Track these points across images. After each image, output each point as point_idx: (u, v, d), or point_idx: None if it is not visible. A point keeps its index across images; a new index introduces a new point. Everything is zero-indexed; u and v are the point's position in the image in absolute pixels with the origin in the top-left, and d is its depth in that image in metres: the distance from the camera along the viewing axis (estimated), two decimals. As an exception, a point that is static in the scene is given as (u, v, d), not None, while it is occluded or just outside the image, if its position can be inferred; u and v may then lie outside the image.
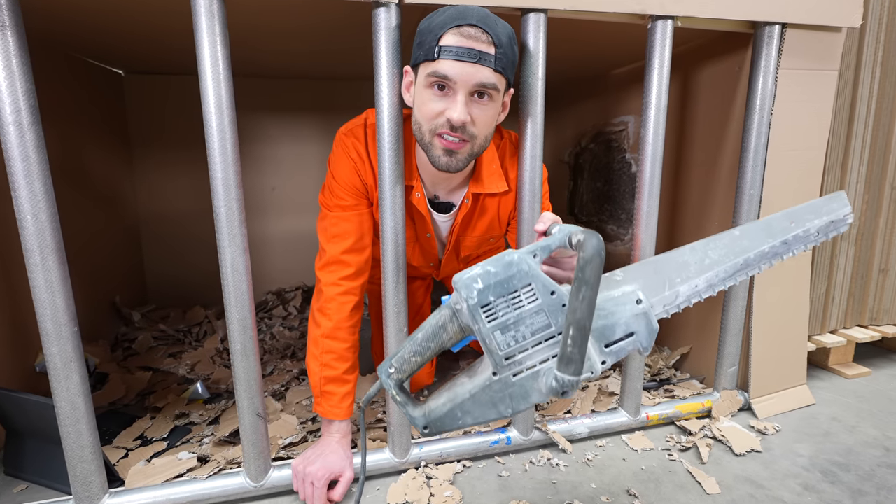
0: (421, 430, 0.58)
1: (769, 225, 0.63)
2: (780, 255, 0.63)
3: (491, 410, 0.56)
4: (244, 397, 0.87)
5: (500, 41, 0.74)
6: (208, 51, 0.74)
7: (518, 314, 0.53)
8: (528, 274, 0.53)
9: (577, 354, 0.48)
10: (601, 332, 0.55)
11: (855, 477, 0.97)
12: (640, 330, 0.56)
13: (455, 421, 0.57)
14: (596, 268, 0.47)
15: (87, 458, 0.81)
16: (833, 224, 0.64)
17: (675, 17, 0.94)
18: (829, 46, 1.08)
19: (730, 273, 0.61)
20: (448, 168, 0.82)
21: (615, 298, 0.57)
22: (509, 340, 0.53)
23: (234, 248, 0.81)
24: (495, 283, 0.52)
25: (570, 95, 2.00)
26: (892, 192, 1.37)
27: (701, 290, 0.61)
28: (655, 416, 1.14)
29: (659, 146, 1.00)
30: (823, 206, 0.64)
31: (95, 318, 1.50)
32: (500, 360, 0.54)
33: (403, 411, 0.59)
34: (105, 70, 1.66)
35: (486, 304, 0.52)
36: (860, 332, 1.42)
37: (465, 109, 0.75)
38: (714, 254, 0.61)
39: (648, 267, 0.61)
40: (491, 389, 0.55)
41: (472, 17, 0.73)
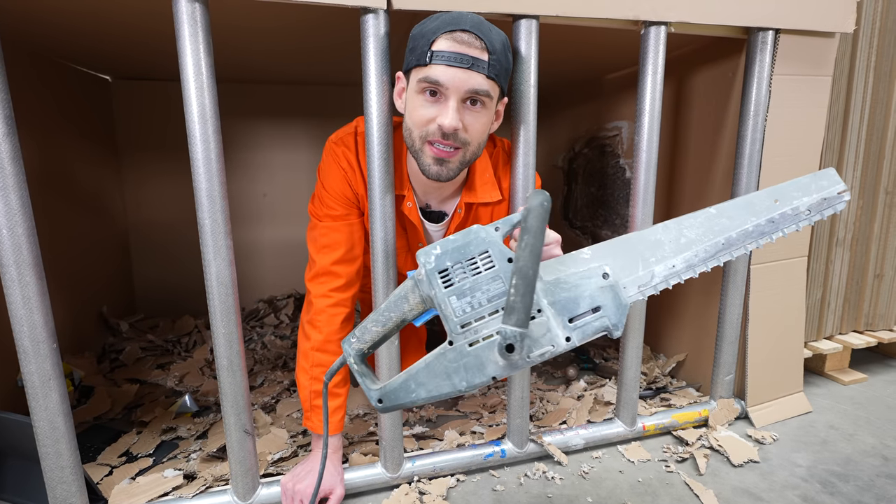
0: (375, 403, 0.57)
1: (751, 203, 0.60)
2: (769, 234, 0.59)
3: (445, 382, 0.54)
4: (231, 413, 0.84)
5: (494, 47, 0.73)
6: (191, 58, 0.72)
7: (474, 280, 0.53)
8: (486, 241, 0.53)
9: (520, 303, 0.47)
10: (564, 304, 0.54)
11: (854, 487, 0.96)
12: (607, 304, 0.54)
13: (409, 393, 0.55)
14: (537, 216, 0.47)
15: (67, 478, 0.79)
16: (827, 202, 0.60)
17: (668, 22, 0.93)
18: (822, 52, 1.08)
19: (711, 253, 0.59)
20: (438, 177, 0.80)
21: (580, 273, 0.55)
22: (465, 306, 0.53)
23: (220, 260, 0.79)
24: (453, 248, 0.53)
25: (564, 100, 1.99)
26: (887, 196, 1.37)
27: (679, 270, 0.58)
28: (652, 426, 1.13)
29: (653, 153, 0.99)
30: (811, 183, 0.60)
31: (81, 329, 1.47)
32: (456, 327, 0.53)
33: (360, 381, 0.58)
34: (92, 76, 1.64)
35: (444, 270, 0.53)
36: (856, 338, 1.41)
37: (457, 116, 0.74)
38: (690, 232, 0.59)
39: (619, 245, 0.58)
40: (445, 359, 0.54)
41: (465, 22, 0.72)
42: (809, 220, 0.60)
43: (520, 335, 0.48)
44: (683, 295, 1.36)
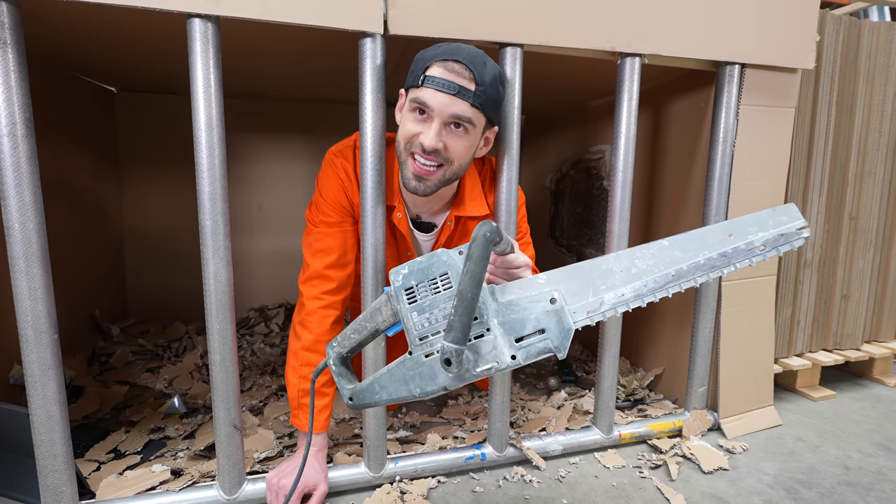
0: (346, 401, 0.64)
1: (703, 236, 0.61)
2: (720, 268, 0.60)
3: (403, 388, 0.61)
4: (221, 408, 0.88)
5: (483, 80, 0.80)
6: (201, 72, 0.78)
7: (434, 298, 0.59)
8: (447, 264, 0.59)
9: (458, 322, 0.53)
10: (511, 325, 0.59)
11: (816, 494, 1.00)
12: (552, 327, 0.58)
13: (373, 394, 0.63)
14: (479, 245, 0.54)
15: (59, 467, 0.81)
16: (783, 237, 0.60)
17: (641, 54, 1.01)
18: (785, 85, 1.17)
19: (660, 284, 0.60)
20: (416, 191, 0.86)
21: (531, 297, 0.60)
22: (423, 321, 0.60)
23: (218, 259, 0.83)
24: (418, 269, 0.60)
25: (552, 124, 2.08)
26: (851, 222, 1.45)
27: (628, 299, 0.60)
28: (628, 434, 1.17)
29: (629, 173, 1.06)
30: (769, 218, 0.60)
31: (73, 331, 1.49)
32: (415, 339, 0.60)
33: (337, 381, 0.66)
34: (98, 87, 1.70)
35: (409, 288, 0.60)
36: (825, 356, 1.47)
37: (437, 137, 0.81)
38: (641, 263, 0.61)
39: (572, 272, 0.62)
40: (404, 366, 0.61)
41: (461, 54, 0.79)
42: (764, 255, 0.60)
43: (455, 351, 0.54)
44: (661, 311, 1.42)
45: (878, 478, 1.06)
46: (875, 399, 1.45)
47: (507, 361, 0.58)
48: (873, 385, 1.56)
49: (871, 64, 1.38)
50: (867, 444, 1.20)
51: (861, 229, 1.47)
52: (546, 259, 2.09)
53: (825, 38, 1.29)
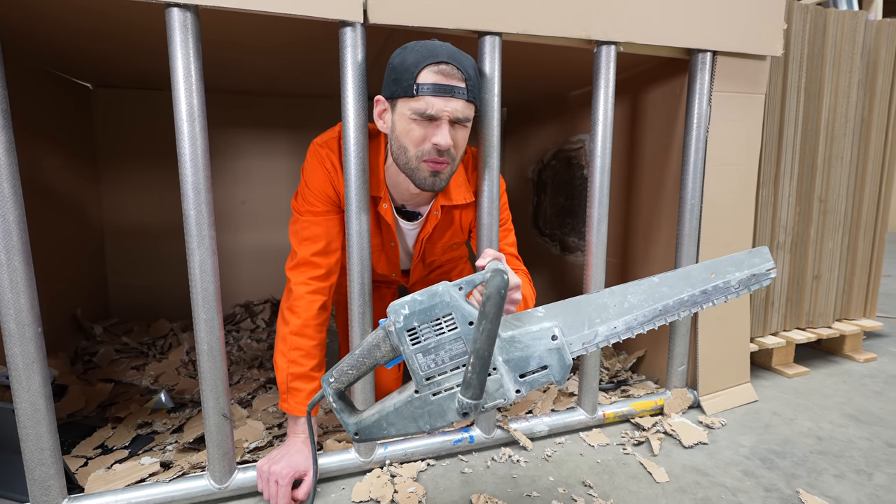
0: (352, 435, 0.64)
1: (689, 274, 0.66)
2: (700, 304, 0.65)
3: (411, 424, 0.62)
4: (210, 397, 0.88)
5: (469, 74, 0.83)
6: (181, 62, 0.78)
7: (438, 340, 0.59)
8: (450, 304, 0.58)
9: (476, 380, 0.55)
10: (517, 362, 0.61)
11: (790, 463, 1.05)
12: (553, 364, 0.61)
13: (381, 430, 0.63)
14: (495, 304, 0.53)
15: (46, 460, 0.81)
16: (755, 277, 0.66)
17: (617, 42, 1.04)
18: (755, 72, 1.21)
19: (648, 318, 0.65)
20: (433, 188, 0.89)
21: (533, 333, 0.62)
22: (429, 363, 0.59)
23: (203, 249, 0.84)
24: (420, 310, 0.58)
25: (533, 116, 2.11)
26: (820, 204, 1.51)
27: (620, 331, 0.65)
28: (612, 413, 1.20)
29: (607, 159, 1.09)
30: (745, 259, 0.66)
31: (55, 330, 1.47)
32: (421, 379, 0.60)
33: (339, 417, 0.64)
34: (73, 83, 1.67)
35: (411, 329, 0.58)
36: (798, 334, 1.53)
37: (449, 136, 0.84)
38: (633, 298, 0.65)
39: (569, 306, 0.65)
40: (412, 405, 0.61)
41: (442, 54, 0.81)
42: (737, 293, 0.66)
43: (474, 406, 0.56)
44: (641, 294, 1.45)
45: (847, 446, 1.11)
46: (846, 374, 1.52)
47: (512, 397, 0.60)
48: (844, 361, 1.62)
49: (837, 51, 1.43)
50: (838, 416, 1.25)
51: (830, 212, 1.53)
52: (530, 248, 2.12)
53: (793, 27, 1.33)
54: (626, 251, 1.52)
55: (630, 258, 1.50)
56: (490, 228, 1.01)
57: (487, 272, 0.59)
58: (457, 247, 1.18)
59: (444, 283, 0.60)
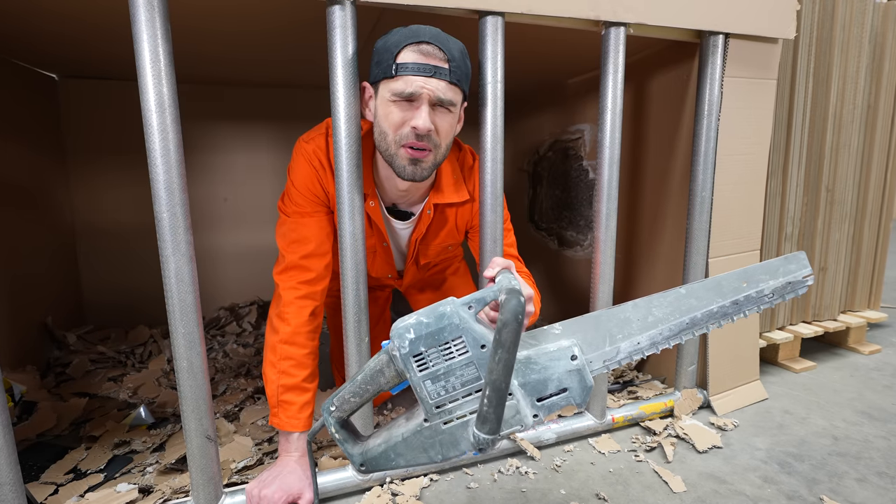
0: (357, 467, 0.58)
1: (719, 284, 0.61)
2: (731, 315, 0.61)
3: (422, 455, 0.56)
4: (191, 418, 0.80)
5: (453, 55, 0.77)
6: (147, 44, 0.69)
7: (448, 365, 0.54)
8: (460, 327, 0.53)
9: (493, 415, 0.50)
10: (534, 386, 0.56)
11: (809, 466, 1.00)
12: (574, 386, 0.56)
13: (389, 462, 0.58)
14: (512, 331, 0.48)
15: (6, 497, 0.72)
16: (791, 286, 0.61)
17: (627, 24, 0.97)
18: (767, 56, 1.15)
19: (674, 332, 0.60)
20: (413, 177, 0.82)
21: (549, 353, 0.56)
22: (439, 390, 0.54)
23: (179, 256, 0.75)
24: (427, 333, 0.53)
25: (529, 105, 2.03)
26: (828, 194, 1.46)
27: (644, 347, 0.60)
28: (621, 417, 1.15)
29: (616, 149, 1.02)
30: (780, 266, 0.62)
31: (23, 341, 1.37)
32: (431, 408, 0.55)
33: (342, 448, 0.59)
34: (37, 73, 1.54)
35: (418, 354, 0.53)
36: (805, 328, 1.49)
37: (429, 118, 0.77)
38: (658, 311, 0.60)
39: (589, 322, 0.60)
40: (422, 435, 0.56)
41: (424, 35, 0.76)
42: (771, 302, 0.61)
43: (491, 441, 0.51)
44: (648, 291, 1.40)
45: (865, 446, 1.07)
46: (853, 367, 1.48)
47: (530, 423, 0.55)
48: (849, 354, 1.59)
49: (846, 35, 1.38)
50: (851, 413, 1.21)
51: (837, 201, 1.49)
52: (526, 243, 2.05)
53: (803, 8, 1.27)
54: (629, 247, 1.46)
55: (634, 254, 1.45)
56: (494, 226, 0.94)
57: (500, 291, 0.52)
58: (452, 248, 1.12)
59: (452, 300, 0.54)
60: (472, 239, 1.05)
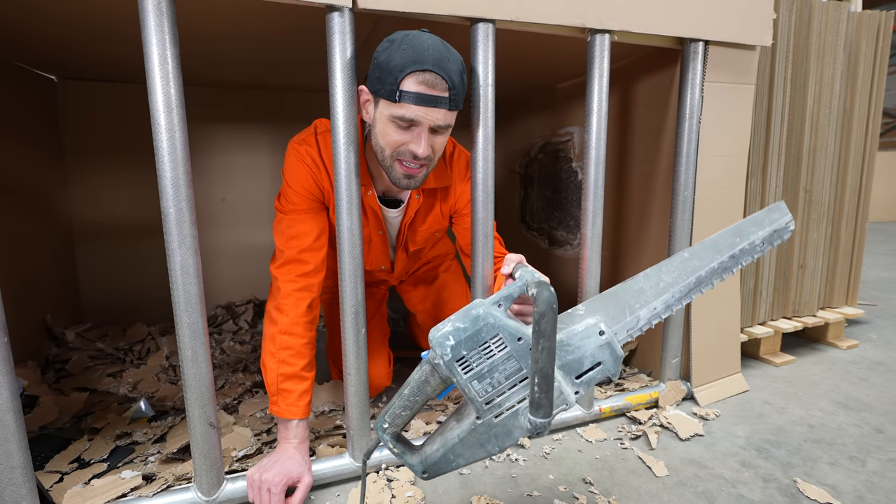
0: (420, 475, 0.62)
1: (716, 243, 0.66)
2: (730, 268, 0.66)
3: (480, 450, 0.60)
4: (195, 406, 0.83)
5: (454, 82, 0.80)
6: (156, 48, 0.72)
7: (491, 363, 0.57)
8: (495, 325, 0.57)
9: (545, 399, 0.54)
10: (570, 366, 0.60)
11: (785, 452, 1.05)
12: (606, 359, 0.60)
13: (449, 464, 0.61)
14: (550, 321, 0.51)
15: (17, 479, 0.75)
16: (776, 233, 0.67)
17: (611, 31, 1.02)
18: (745, 63, 1.20)
19: (684, 292, 0.65)
20: (408, 187, 0.91)
21: (579, 333, 0.61)
22: (486, 387, 0.58)
23: (185, 249, 0.78)
24: (465, 337, 0.56)
25: (519, 108, 2.08)
26: (805, 194, 1.52)
27: (660, 311, 0.65)
28: (608, 408, 1.19)
29: (602, 150, 1.07)
30: (765, 217, 0.67)
31: (23, 338, 1.39)
32: (481, 405, 0.59)
33: (402, 460, 0.63)
34: (36, 75, 1.57)
35: (461, 358, 0.57)
36: (785, 323, 1.55)
37: (427, 144, 0.84)
38: (668, 277, 0.65)
39: (608, 298, 0.65)
40: (477, 432, 0.60)
41: (428, 61, 0.78)
42: (762, 250, 0.67)
43: (546, 424, 0.55)
44: (633, 287, 1.45)
45: (839, 433, 1.13)
46: (831, 361, 1.54)
47: (573, 400, 0.59)
48: (828, 349, 1.65)
49: (822, 42, 1.44)
50: (827, 404, 1.27)
51: (815, 202, 1.55)
52: (517, 243, 2.10)
53: (780, 17, 1.33)
54: (616, 245, 1.51)
55: (621, 252, 1.50)
56: (486, 223, 0.98)
57: (526, 285, 0.57)
58: (439, 234, 1.18)
59: (481, 301, 0.58)
60: (457, 223, 1.12)
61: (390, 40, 0.81)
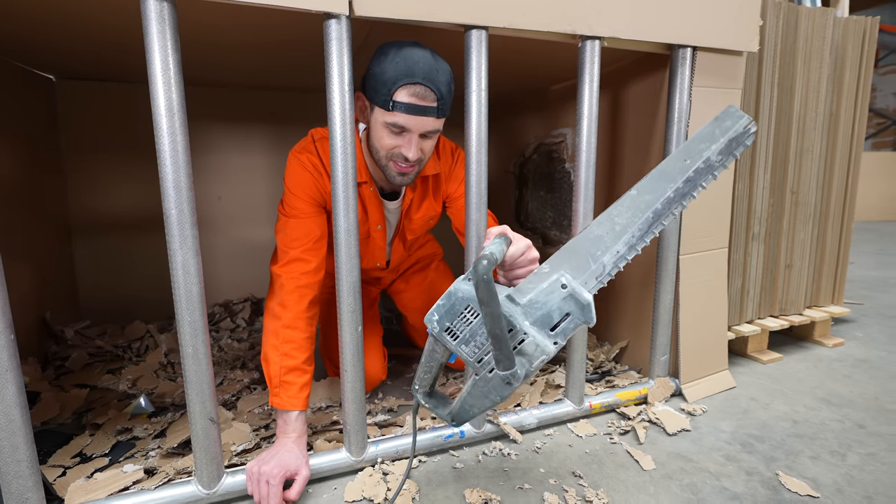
0: (449, 422, 0.75)
1: (664, 171, 0.66)
2: (689, 193, 0.65)
3: (486, 400, 0.69)
4: (196, 402, 0.86)
5: (441, 93, 0.90)
6: (159, 54, 0.75)
7: (471, 329, 0.65)
8: (465, 298, 0.65)
9: (502, 355, 0.61)
10: (541, 321, 0.64)
11: (768, 446, 1.09)
12: (573, 309, 0.64)
13: (467, 413, 0.72)
14: (484, 290, 0.58)
15: (23, 472, 0.77)
16: (734, 141, 0.63)
17: (601, 37, 1.04)
18: (732, 68, 1.23)
19: (644, 229, 0.66)
20: (402, 184, 1.02)
21: (545, 289, 0.65)
22: (473, 349, 0.66)
23: (186, 249, 0.81)
24: (445, 312, 0.66)
25: (514, 109, 2.11)
26: (792, 196, 1.56)
27: (623, 252, 0.66)
28: (598, 404, 1.23)
29: (592, 153, 1.10)
30: (714, 129, 0.64)
31: (24, 335, 1.40)
32: (474, 364, 0.67)
33: (436, 412, 0.76)
34: (34, 74, 1.58)
35: (447, 329, 0.66)
36: (772, 322, 1.59)
37: (417, 148, 0.94)
38: (621, 219, 0.66)
39: (568, 252, 0.68)
40: (478, 387, 0.69)
41: (418, 74, 0.87)
42: (724, 164, 0.64)
43: (511, 375, 0.63)
44: (624, 286, 1.48)
45: (821, 428, 1.16)
46: (816, 359, 1.58)
47: (552, 349, 0.64)
48: (814, 346, 1.69)
49: (808, 47, 1.48)
50: (811, 400, 1.31)
51: (801, 203, 1.58)
52: (512, 242, 2.13)
53: (767, 23, 1.36)
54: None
55: (612, 251, 1.52)
56: (479, 224, 1.01)
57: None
58: (433, 221, 1.24)
59: (456, 280, 0.65)
60: (450, 206, 1.20)
61: (384, 52, 0.88)
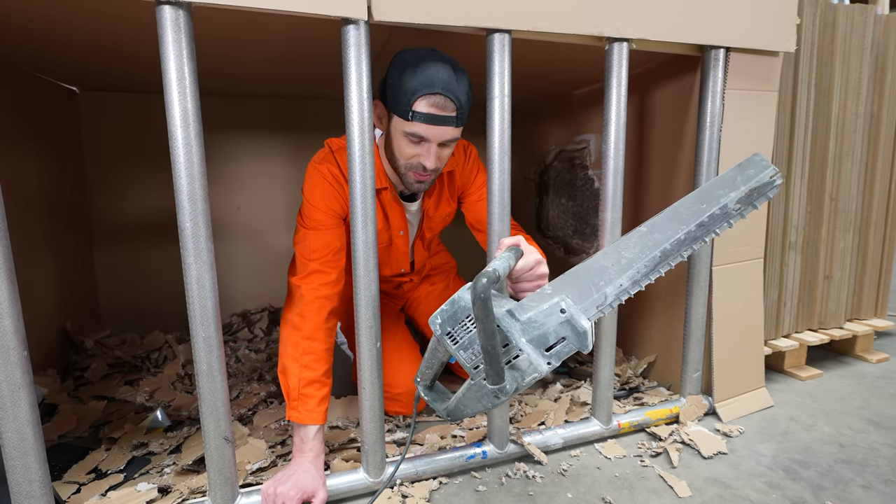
0: (445, 416, 0.76)
1: (677, 212, 0.63)
2: (700, 238, 0.62)
3: (478, 404, 0.70)
4: (210, 420, 0.83)
5: (460, 102, 0.89)
6: (174, 63, 0.73)
7: (470, 337, 0.66)
8: (467, 307, 0.65)
9: (492, 370, 0.63)
10: (538, 340, 0.64)
11: (814, 473, 1.01)
12: (569, 334, 0.63)
13: (461, 412, 0.73)
14: (480, 308, 0.59)
15: (35, 493, 0.75)
16: (756, 192, 0.60)
17: (629, 39, 1.00)
18: (768, 69, 1.17)
19: (650, 267, 0.64)
20: (419, 190, 1.03)
21: (544, 311, 0.64)
22: (470, 356, 0.67)
23: (201, 263, 0.78)
24: (447, 317, 0.66)
25: (534, 115, 2.06)
26: (831, 203, 1.48)
27: (627, 287, 0.65)
28: (626, 423, 1.16)
29: (620, 160, 1.05)
30: (736, 176, 0.61)
31: (43, 345, 1.41)
32: (470, 369, 0.68)
33: (433, 406, 0.78)
34: (58, 87, 1.60)
35: (448, 333, 0.67)
36: (811, 336, 1.50)
37: (436, 157, 0.94)
38: (628, 253, 0.65)
39: (572, 278, 0.67)
40: (472, 391, 0.70)
41: (438, 85, 0.86)
42: (741, 213, 0.61)
43: (499, 389, 0.64)
44: (652, 299, 1.42)
45: (871, 454, 1.08)
46: (859, 376, 1.49)
47: (544, 369, 0.64)
48: (856, 362, 1.59)
49: (847, 46, 1.40)
50: (857, 421, 1.22)
51: (841, 210, 1.50)
52: (533, 251, 2.07)
53: (803, 22, 1.30)
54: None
55: (639, 261, 1.46)
56: (500, 234, 0.97)
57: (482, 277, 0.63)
58: (449, 218, 1.23)
59: (462, 288, 0.66)
60: (465, 202, 1.19)
61: (403, 61, 0.88)
